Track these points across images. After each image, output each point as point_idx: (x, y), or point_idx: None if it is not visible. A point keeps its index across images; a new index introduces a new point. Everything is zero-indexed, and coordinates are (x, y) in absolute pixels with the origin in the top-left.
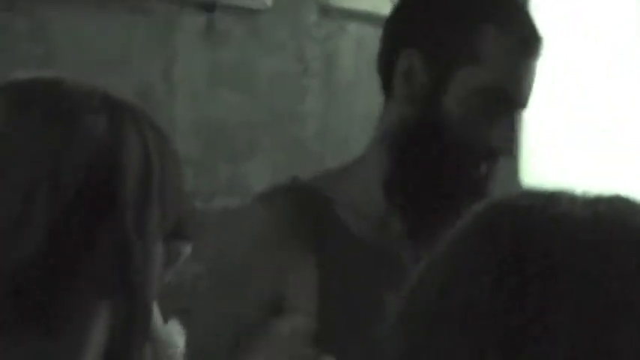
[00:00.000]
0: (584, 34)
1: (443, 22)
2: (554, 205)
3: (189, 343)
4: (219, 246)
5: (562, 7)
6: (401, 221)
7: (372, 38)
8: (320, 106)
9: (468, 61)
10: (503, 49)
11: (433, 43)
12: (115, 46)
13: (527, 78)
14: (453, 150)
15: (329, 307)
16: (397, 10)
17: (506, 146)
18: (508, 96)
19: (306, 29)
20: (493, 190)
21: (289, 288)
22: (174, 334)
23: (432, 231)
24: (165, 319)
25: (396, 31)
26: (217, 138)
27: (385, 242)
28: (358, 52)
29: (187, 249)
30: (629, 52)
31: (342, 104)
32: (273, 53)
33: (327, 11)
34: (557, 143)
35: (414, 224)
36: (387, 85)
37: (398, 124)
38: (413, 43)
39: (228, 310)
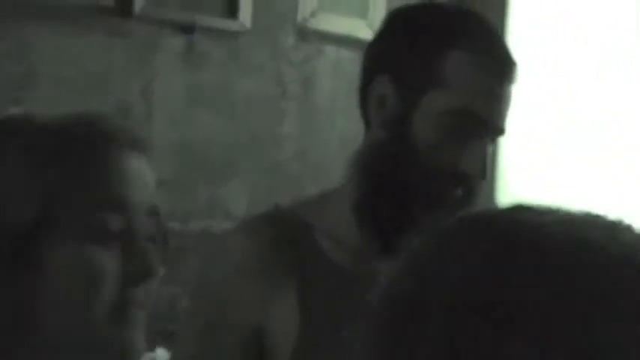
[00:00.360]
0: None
1: (411, 48)
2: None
3: None
4: (202, 275)
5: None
6: (377, 247)
7: (350, 61)
8: (298, 129)
9: (435, 85)
10: (471, 73)
11: (403, 68)
12: (94, 67)
13: (499, 102)
14: (424, 173)
15: (310, 335)
16: (373, 39)
17: (478, 170)
18: (478, 119)
19: (285, 52)
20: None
21: (271, 317)
22: None
23: None
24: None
25: (370, 59)
26: (195, 159)
27: (365, 269)
28: (336, 74)
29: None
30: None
31: (319, 127)
32: (251, 75)
33: (305, 34)
34: (533, 164)
35: (390, 250)
36: (364, 112)
37: (371, 149)
38: (385, 70)
39: (211, 341)
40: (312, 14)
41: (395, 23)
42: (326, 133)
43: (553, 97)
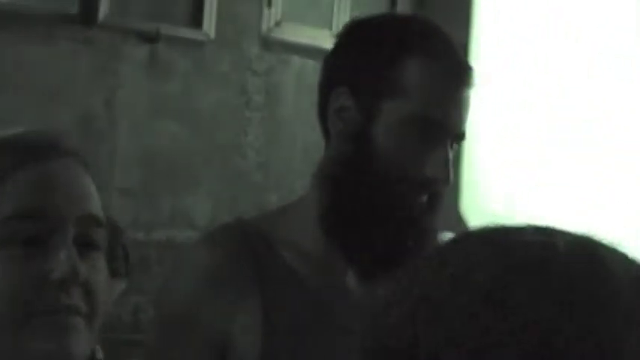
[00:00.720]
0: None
1: (367, 59)
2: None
3: None
4: (165, 288)
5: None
6: (343, 258)
7: (314, 71)
8: (261, 139)
9: (393, 93)
10: (427, 80)
11: (360, 79)
12: (58, 76)
13: (458, 107)
14: (387, 182)
15: (275, 348)
16: (330, 52)
17: (441, 175)
18: (438, 125)
19: (249, 62)
20: (437, 223)
21: (235, 330)
22: None
23: (377, 266)
24: (107, 351)
25: (328, 72)
26: (159, 169)
27: (330, 280)
28: (300, 84)
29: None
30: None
31: (283, 136)
32: (215, 85)
33: (269, 44)
34: (497, 175)
35: (357, 260)
36: (323, 124)
37: (333, 161)
38: (342, 82)
39: (175, 354)
40: (277, 24)
41: (350, 35)
42: (289, 142)
43: (543, 95)
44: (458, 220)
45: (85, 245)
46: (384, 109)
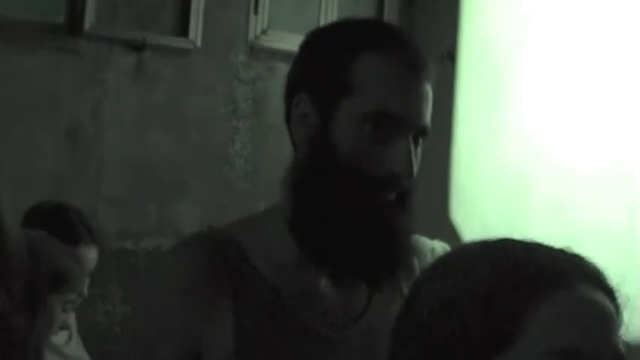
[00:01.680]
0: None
1: (323, 62)
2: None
3: None
4: (138, 296)
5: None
6: (315, 264)
7: None
8: (249, 147)
9: (347, 92)
10: (380, 75)
11: (317, 83)
12: (43, 85)
13: (414, 99)
14: (350, 182)
15: (247, 356)
16: (292, 62)
17: (403, 169)
18: (395, 119)
19: (235, 70)
20: (419, 225)
21: (205, 337)
22: None
23: (348, 269)
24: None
25: (290, 80)
26: (146, 178)
27: (302, 287)
28: None
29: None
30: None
31: (270, 144)
32: (202, 93)
33: (255, 52)
34: (486, 181)
35: (327, 265)
36: (289, 132)
37: (297, 167)
38: (302, 89)
39: (145, 357)
40: (263, 32)
41: (308, 43)
42: (277, 150)
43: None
44: (449, 228)
45: None
46: (341, 110)
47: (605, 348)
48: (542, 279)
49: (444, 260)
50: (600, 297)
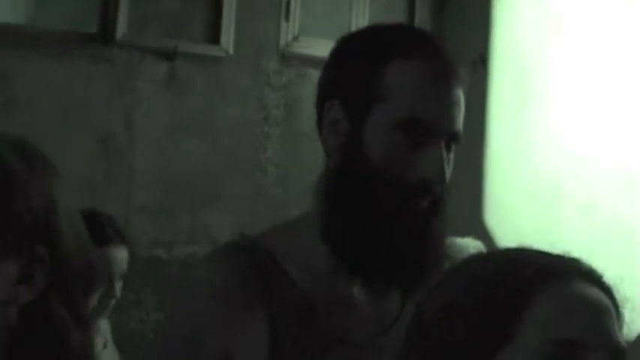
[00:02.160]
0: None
1: (354, 69)
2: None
3: None
4: (171, 304)
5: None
6: (349, 271)
7: None
8: (281, 154)
9: (379, 99)
10: (411, 81)
11: (348, 90)
12: (76, 94)
13: (446, 106)
14: (384, 190)
15: None
16: (323, 68)
17: (435, 175)
18: (425, 125)
19: (267, 77)
20: (453, 230)
21: (240, 345)
22: None
23: (381, 277)
24: None
25: (321, 87)
26: (179, 186)
27: (335, 295)
28: None
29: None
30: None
31: (303, 151)
32: (234, 101)
33: (287, 58)
34: (519, 185)
35: (360, 273)
36: (322, 140)
37: (329, 175)
38: (334, 95)
39: None
40: (294, 38)
41: (339, 49)
42: (309, 157)
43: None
44: (483, 232)
45: None
46: (372, 116)
47: (600, 339)
48: (539, 275)
49: (453, 267)
50: (596, 292)
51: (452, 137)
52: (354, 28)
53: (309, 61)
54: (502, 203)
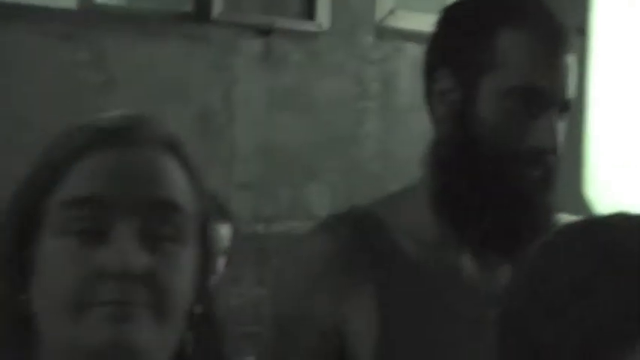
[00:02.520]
0: None
1: (464, 37)
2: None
3: None
4: (280, 276)
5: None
6: (457, 242)
7: None
8: (379, 128)
9: (492, 67)
10: (524, 49)
11: (459, 58)
12: (174, 73)
13: (558, 73)
14: (494, 158)
15: (390, 334)
16: (431, 36)
17: (548, 143)
18: (540, 93)
19: (363, 51)
20: (555, 201)
21: (349, 317)
22: None
23: (492, 247)
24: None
25: (429, 56)
26: (277, 162)
27: (445, 265)
28: (415, 72)
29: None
30: None
31: (400, 125)
32: (331, 76)
33: (383, 32)
34: (623, 155)
35: (470, 243)
36: (430, 109)
37: (439, 145)
38: (443, 64)
39: (291, 342)
40: (390, 12)
41: (447, 17)
42: (407, 131)
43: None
44: (583, 205)
45: (154, 235)
46: (484, 85)
47: None
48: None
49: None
50: None
51: (563, 105)
52: (450, 1)
53: (405, 34)
54: (602, 175)
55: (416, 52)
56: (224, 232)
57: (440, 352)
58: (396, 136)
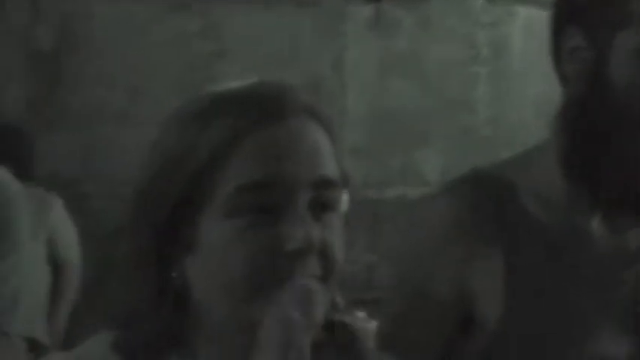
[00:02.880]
0: None
1: None
2: None
3: (379, 333)
4: (404, 241)
5: None
6: (587, 205)
7: (541, 21)
8: (491, 93)
9: (625, 24)
10: None
11: (589, 15)
12: (284, 41)
13: None
14: (627, 119)
15: (517, 300)
16: None
17: None
18: None
19: (475, 15)
20: None
21: (476, 280)
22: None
23: (624, 211)
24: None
25: (557, 13)
26: (388, 127)
27: (574, 228)
28: (527, 35)
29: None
30: None
31: (512, 89)
32: (442, 40)
33: None
34: None
35: (601, 206)
36: (558, 68)
37: (570, 105)
38: (572, 21)
39: (416, 306)
40: None
41: None
42: (519, 95)
43: None
44: None
45: (320, 207)
46: (617, 43)
47: None
48: None
49: None
50: None
51: None
52: None
53: None
54: None
55: (527, 15)
56: (344, 197)
57: (568, 318)
58: (507, 100)
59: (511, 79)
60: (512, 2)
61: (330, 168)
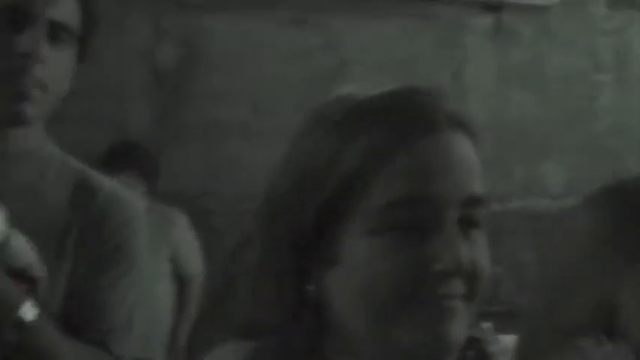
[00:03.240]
0: None
1: None
2: None
3: (517, 345)
4: (550, 253)
5: None
6: None
7: None
8: (614, 101)
9: None
10: None
11: None
12: (404, 52)
13: None
14: None
15: None
16: None
17: None
18: None
19: (596, 23)
20: None
21: (621, 293)
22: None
23: None
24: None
25: None
26: (510, 138)
27: None
28: None
29: None
30: None
31: (636, 98)
32: (562, 49)
33: (616, 3)
34: None
35: None
36: None
37: None
38: None
39: (556, 316)
40: None
41: None
42: None
43: None
44: None
45: (467, 224)
46: None
47: None
48: None
49: None
50: None
51: None
52: None
53: (638, 3)
54: None
55: None
56: None
57: None
58: (632, 109)
59: (635, 86)
60: (634, 8)
61: (478, 185)
